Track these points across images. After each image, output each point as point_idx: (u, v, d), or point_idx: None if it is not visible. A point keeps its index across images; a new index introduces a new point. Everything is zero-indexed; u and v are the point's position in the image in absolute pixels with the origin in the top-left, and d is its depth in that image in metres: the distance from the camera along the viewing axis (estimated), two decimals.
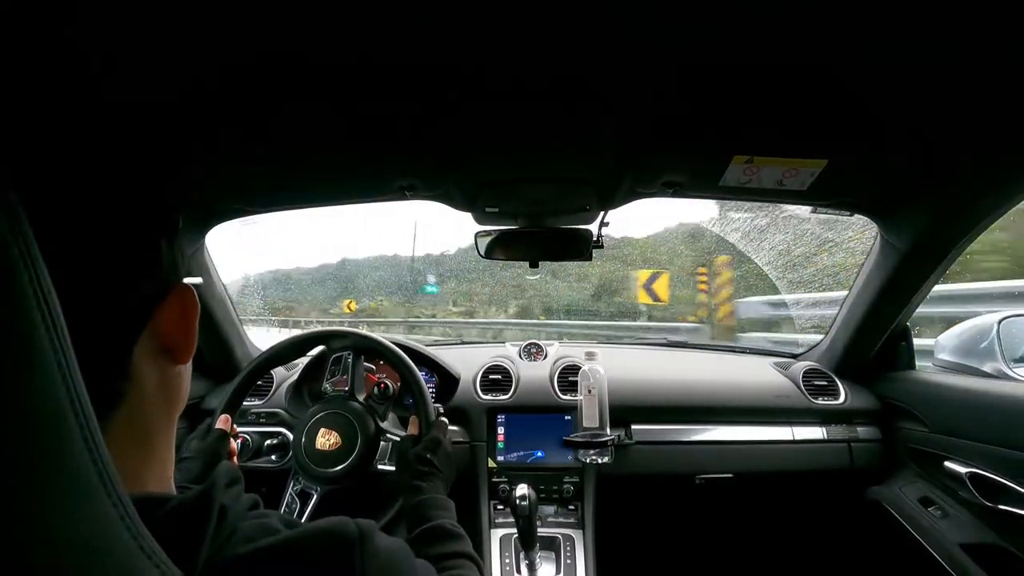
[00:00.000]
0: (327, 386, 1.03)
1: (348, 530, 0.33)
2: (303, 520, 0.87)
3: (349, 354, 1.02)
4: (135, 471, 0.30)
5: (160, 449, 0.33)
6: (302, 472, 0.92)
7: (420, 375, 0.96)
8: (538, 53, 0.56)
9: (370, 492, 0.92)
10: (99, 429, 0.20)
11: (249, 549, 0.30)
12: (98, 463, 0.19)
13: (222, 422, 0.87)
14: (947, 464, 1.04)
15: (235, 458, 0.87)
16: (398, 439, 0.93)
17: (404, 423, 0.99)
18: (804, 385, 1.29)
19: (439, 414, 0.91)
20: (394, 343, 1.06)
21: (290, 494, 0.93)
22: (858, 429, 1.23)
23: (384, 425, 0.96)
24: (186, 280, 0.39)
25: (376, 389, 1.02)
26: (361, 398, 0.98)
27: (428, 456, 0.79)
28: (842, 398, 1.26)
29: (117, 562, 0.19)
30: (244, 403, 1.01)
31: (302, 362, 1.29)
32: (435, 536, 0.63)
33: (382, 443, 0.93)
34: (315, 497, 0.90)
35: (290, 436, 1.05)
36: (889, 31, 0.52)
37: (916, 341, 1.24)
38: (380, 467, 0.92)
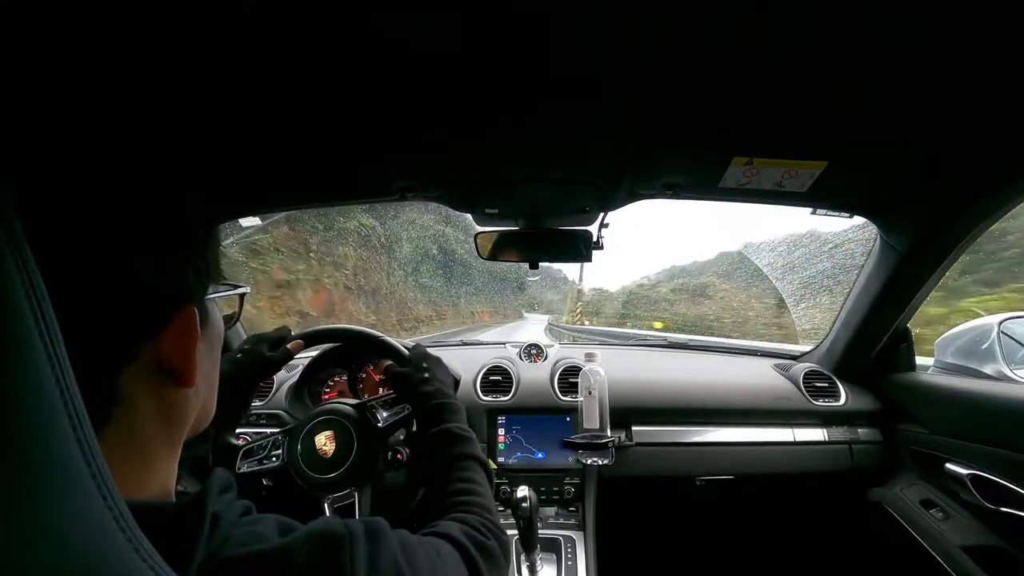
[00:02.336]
0: (366, 397, 1.05)
1: (338, 531, 0.34)
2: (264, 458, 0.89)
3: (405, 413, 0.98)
4: (132, 482, 0.30)
5: (160, 465, 0.33)
6: (287, 452, 0.91)
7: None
8: (538, 55, 0.56)
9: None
10: (93, 432, 0.20)
11: (242, 553, 0.30)
12: (92, 465, 0.19)
13: (293, 345, 0.90)
14: (948, 466, 1.04)
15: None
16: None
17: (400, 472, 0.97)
18: (805, 387, 1.28)
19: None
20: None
21: (271, 438, 0.92)
22: (859, 431, 1.23)
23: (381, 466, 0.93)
24: (225, 293, 0.39)
25: (392, 455, 0.96)
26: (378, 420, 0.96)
27: (424, 364, 0.84)
28: (843, 399, 1.25)
29: (112, 564, 0.19)
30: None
31: (303, 363, 1.29)
32: (446, 439, 0.69)
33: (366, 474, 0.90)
34: (285, 443, 0.90)
35: None
36: (888, 33, 0.52)
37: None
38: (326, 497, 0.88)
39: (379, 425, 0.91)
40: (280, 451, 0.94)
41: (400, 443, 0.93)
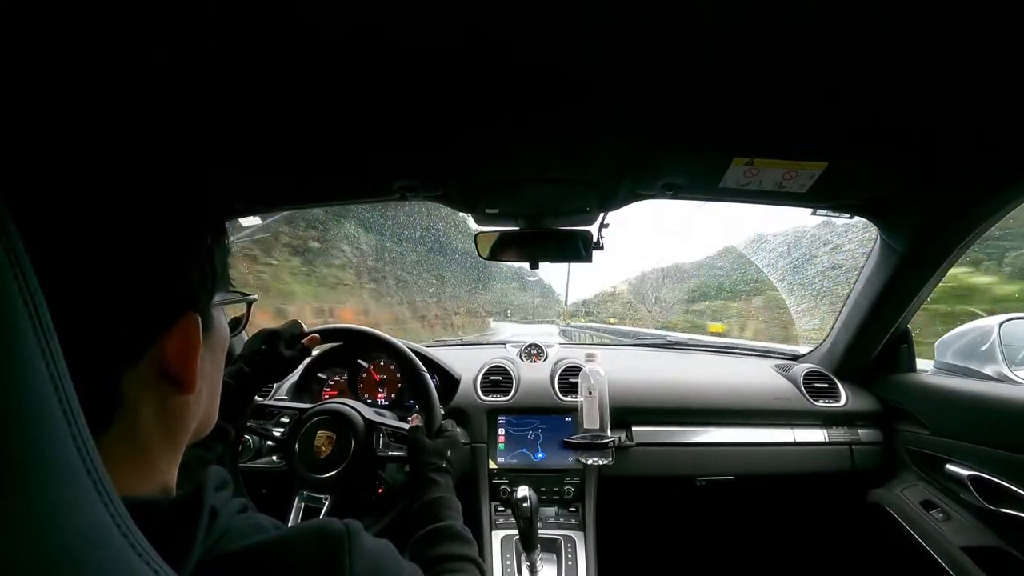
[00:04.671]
0: (366, 397, 1.09)
1: (336, 529, 0.34)
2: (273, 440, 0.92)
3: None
4: (130, 481, 0.30)
5: (159, 466, 0.33)
6: (289, 430, 0.93)
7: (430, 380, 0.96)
8: (540, 55, 0.56)
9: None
10: (88, 428, 0.20)
11: (241, 546, 0.30)
12: (87, 462, 0.19)
13: (309, 339, 0.88)
14: (948, 467, 1.04)
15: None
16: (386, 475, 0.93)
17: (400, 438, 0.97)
18: (805, 387, 1.28)
19: (444, 416, 0.92)
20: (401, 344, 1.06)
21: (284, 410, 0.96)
22: (859, 431, 1.23)
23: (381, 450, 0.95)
24: (231, 300, 0.38)
25: (374, 483, 0.99)
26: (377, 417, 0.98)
27: (448, 452, 0.81)
28: (843, 400, 1.25)
29: (108, 560, 0.19)
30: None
31: (304, 362, 1.29)
32: (446, 536, 0.64)
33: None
34: (292, 422, 0.92)
35: None
36: (888, 33, 0.52)
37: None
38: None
39: (377, 452, 0.91)
40: (288, 422, 0.94)
41: (383, 476, 0.95)
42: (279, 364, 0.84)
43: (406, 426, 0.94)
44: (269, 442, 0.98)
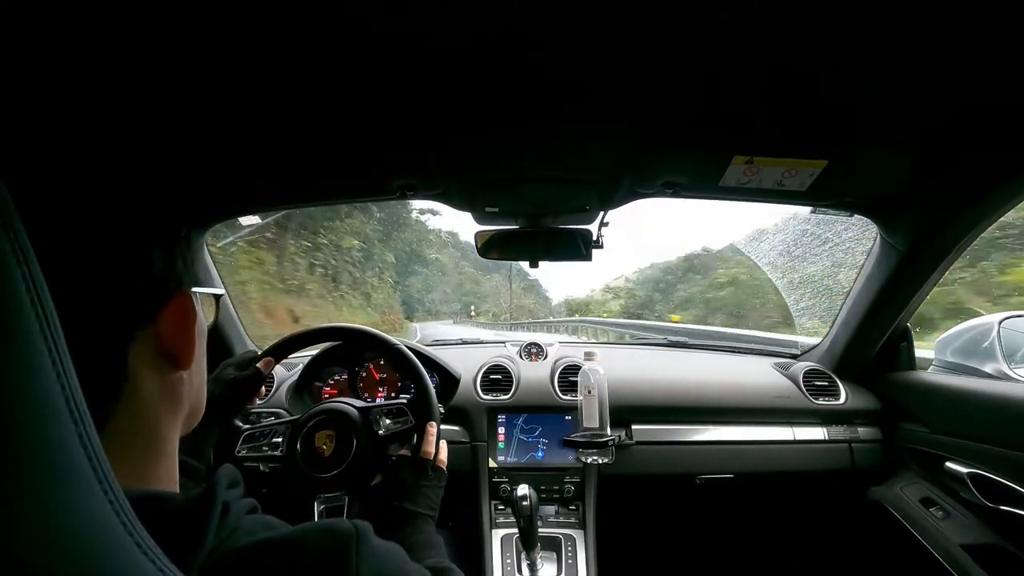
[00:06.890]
0: (366, 396, 1.07)
1: (345, 528, 0.35)
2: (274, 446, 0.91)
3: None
4: (141, 470, 0.32)
5: (165, 450, 0.35)
6: (286, 444, 0.91)
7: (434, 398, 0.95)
8: (540, 57, 0.56)
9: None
10: (94, 425, 0.20)
11: (251, 541, 0.31)
12: (93, 459, 0.19)
13: (263, 363, 0.88)
14: (948, 465, 1.04)
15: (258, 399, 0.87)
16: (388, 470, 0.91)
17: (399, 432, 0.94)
18: (805, 385, 1.29)
19: (440, 414, 0.91)
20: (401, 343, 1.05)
21: (273, 427, 0.94)
22: (859, 429, 1.23)
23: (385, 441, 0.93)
24: (205, 290, 0.40)
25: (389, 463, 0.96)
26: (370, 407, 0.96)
27: (440, 491, 0.81)
28: (843, 398, 1.26)
29: (113, 559, 0.19)
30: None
31: (302, 362, 1.29)
32: (422, 548, 0.67)
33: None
34: (287, 435, 0.90)
35: None
36: (888, 32, 0.52)
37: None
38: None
39: (380, 433, 0.91)
40: (281, 440, 0.93)
41: (391, 456, 0.92)
42: (232, 388, 0.83)
43: (402, 401, 0.93)
44: (271, 464, 0.96)
